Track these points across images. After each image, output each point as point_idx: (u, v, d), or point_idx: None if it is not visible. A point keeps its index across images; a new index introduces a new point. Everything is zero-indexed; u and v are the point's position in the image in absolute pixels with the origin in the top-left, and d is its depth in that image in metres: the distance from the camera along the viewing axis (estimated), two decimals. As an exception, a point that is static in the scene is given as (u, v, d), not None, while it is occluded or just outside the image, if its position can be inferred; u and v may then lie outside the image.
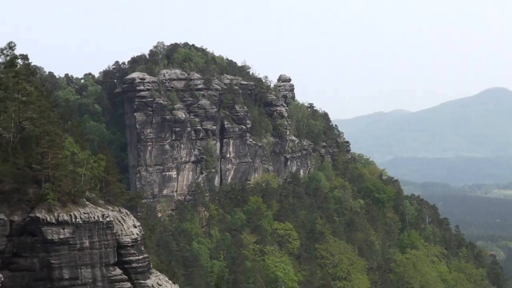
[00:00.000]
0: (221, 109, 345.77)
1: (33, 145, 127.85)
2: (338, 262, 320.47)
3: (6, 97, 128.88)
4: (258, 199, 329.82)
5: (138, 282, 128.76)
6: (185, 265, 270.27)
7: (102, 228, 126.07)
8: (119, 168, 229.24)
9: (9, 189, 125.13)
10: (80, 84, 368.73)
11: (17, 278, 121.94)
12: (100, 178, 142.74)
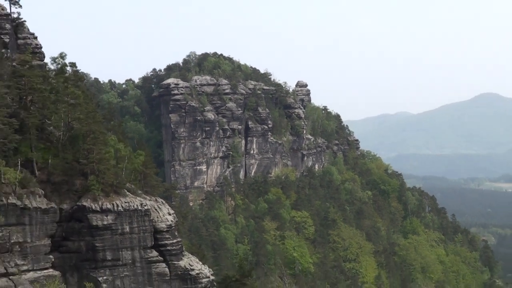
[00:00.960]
0: (245, 111, 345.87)
1: (80, 142, 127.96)
2: (348, 246, 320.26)
3: (57, 100, 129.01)
4: (278, 190, 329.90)
5: (172, 263, 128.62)
6: (214, 248, 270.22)
7: (140, 215, 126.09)
8: (156, 162, 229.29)
9: (59, 180, 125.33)
10: (121, 89, 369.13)
11: (66, 259, 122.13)
12: (139, 171, 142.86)
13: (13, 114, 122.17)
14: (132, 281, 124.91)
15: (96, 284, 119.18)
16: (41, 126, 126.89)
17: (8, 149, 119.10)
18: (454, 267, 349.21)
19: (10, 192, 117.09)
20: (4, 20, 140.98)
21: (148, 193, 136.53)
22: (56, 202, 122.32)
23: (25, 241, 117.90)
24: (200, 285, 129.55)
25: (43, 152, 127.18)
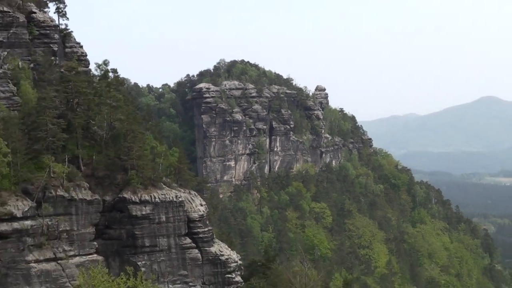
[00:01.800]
0: (270, 112, 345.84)
1: (121, 140, 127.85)
2: (362, 234, 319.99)
3: (100, 103, 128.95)
4: (299, 184, 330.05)
5: (203, 249, 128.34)
6: (241, 236, 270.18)
7: (175, 206, 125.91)
8: (189, 159, 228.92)
9: (102, 175, 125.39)
10: (158, 92, 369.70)
11: (108, 245, 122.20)
12: (174, 167, 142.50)
13: (61, 115, 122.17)
14: (167, 266, 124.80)
15: (135, 268, 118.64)
16: (86, 126, 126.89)
17: (56, 146, 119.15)
18: (458, 253, 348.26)
19: (59, 185, 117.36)
20: (53, 31, 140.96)
21: (182, 186, 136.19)
22: (99, 194, 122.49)
23: (72, 229, 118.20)
24: (229, 269, 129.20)
25: (88, 149, 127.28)
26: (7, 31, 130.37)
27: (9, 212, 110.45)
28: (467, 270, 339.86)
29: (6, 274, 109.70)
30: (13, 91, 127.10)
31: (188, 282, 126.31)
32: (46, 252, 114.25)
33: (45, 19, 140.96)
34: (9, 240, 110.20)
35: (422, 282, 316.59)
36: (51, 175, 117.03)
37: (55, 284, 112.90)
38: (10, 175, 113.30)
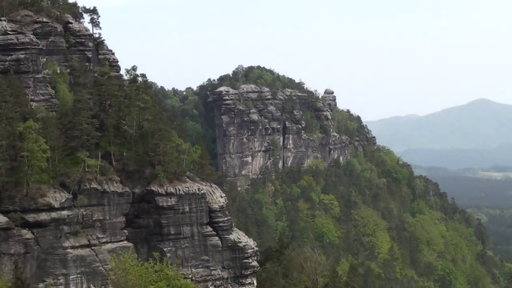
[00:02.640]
0: (283, 113, 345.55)
1: (149, 138, 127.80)
2: (366, 223, 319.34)
3: (130, 104, 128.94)
4: (310, 178, 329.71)
5: (223, 237, 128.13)
6: (257, 225, 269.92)
7: (198, 198, 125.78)
8: (210, 155, 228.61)
9: (132, 169, 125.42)
10: (182, 95, 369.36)
11: (137, 233, 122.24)
12: (197, 162, 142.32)
13: (94, 115, 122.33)
14: (191, 251, 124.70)
15: (161, 253, 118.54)
16: (117, 125, 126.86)
17: (90, 144, 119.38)
18: (453, 240, 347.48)
19: (92, 179, 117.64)
20: (87, 39, 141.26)
21: (204, 180, 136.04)
22: (129, 187, 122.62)
23: (104, 219, 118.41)
24: (246, 254, 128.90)
25: (119, 146, 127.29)
26: (46, 40, 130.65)
27: (48, 203, 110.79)
28: (461, 256, 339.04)
29: (45, 259, 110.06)
30: (52, 93, 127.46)
31: (209, 267, 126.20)
32: (81, 239, 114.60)
33: (80, 28, 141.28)
34: (47, 228, 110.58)
35: (421, 266, 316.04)
36: (86, 169, 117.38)
37: (89, 268, 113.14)
38: (49, 170, 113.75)
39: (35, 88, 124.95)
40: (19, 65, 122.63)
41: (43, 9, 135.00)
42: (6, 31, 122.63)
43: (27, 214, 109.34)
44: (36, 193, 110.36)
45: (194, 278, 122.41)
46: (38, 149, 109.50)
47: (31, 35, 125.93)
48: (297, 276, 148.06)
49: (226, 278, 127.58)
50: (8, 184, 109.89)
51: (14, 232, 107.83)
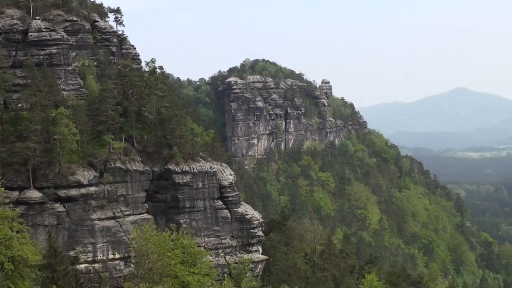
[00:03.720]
0: (285, 101, 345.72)
1: (166, 123, 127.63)
2: (358, 197, 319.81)
3: (150, 93, 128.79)
4: (308, 158, 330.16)
5: (232, 210, 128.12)
6: (262, 199, 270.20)
7: (210, 175, 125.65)
8: (221, 138, 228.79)
9: (151, 151, 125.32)
10: (196, 85, 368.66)
11: (156, 207, 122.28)
12: (209, 144, 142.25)
13: (118, 103, 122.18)
14: (203, 223, 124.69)
15: (178, 224, 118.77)
16: (138, 111, 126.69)
17: (115, 128, 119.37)
18: (435, 212, 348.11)
19: (117, 159, 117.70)
20: (112, 36, 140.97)
21: (215, 160, 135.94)
22: (149, 166, 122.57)
23: (128, 194, 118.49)
24: (252, 225, 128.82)
25: (140, 130, 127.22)
26: (76, 36, 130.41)
27: (77, 180, 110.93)
28: (442, 226, 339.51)
29: (75, 230, 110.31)
30: (81, 84, 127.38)
31: (220, 236, 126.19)
32: (107, 212, 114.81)
33: (105, 26, 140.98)
34: (77, 202, 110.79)
35: (407, 235, 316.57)
36: (111, 150, 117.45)
37: (114, 237, 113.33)
38: (78, 151, 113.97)
39: (66, 79, 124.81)
40: (52, 58, 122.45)
41: (72, 9, 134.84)
42: (40, 28, 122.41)
43: (59, 190, 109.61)
44: (67, 171, 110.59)
45: (206, 246, 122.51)
46: (69, 132, 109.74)
47: (62, 32, 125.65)
48: (297, 244, 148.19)
49: (234, 246, 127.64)
50: (42, 164, 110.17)
51: (47, 206, 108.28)
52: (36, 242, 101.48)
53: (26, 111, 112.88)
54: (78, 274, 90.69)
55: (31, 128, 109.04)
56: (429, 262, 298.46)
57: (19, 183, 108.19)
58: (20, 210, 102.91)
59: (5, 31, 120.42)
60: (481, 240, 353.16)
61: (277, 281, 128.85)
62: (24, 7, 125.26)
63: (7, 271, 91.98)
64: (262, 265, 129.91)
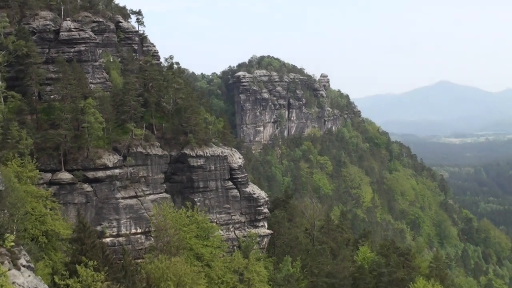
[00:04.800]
0: (288, 92, 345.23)
1: (182, 113, 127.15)
2: (353, 178, 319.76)
3: (168, 86, 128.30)
4: (309, 143, 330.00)
5: (241, 189, 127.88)
6: (268, 180, 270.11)
7: (221, 159, 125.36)
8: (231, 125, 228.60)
9: (169, 137, 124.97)
10: (209, 78, 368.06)
11: (174, 187, 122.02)
12: (220, 131, 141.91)
13: (140, 94, 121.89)
14: (215, 201, 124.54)
15: (193, 203, 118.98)
16: (157, 102, 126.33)
17: (137, 117, 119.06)
18: (421, 192, 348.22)
19: (138, 144, 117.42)
20: (134, 35, 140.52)
21: (226, 145, 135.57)
22: (167, 150, 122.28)
23: (148, 175, 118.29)
24: (259, 203, 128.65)
25: (159, 119, 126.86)
26: (102, 35, 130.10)
27: (104, 163, 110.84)
28: (428, 204, 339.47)
29: (102, 207, 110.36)
30: (106, 78, 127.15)
31: (230, 213, 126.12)
32: (130, 191, 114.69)
33: (128, 26, 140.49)
34: (103, 183, 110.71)
35: (396, 212, 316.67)
36: (133, 137, 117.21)
37: (136, 214, 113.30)
38: (104, 137, 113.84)
39: (93, 73, 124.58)
40: (81, 55, 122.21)
41: (99, 11, 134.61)
42: (70, 28, 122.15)
43: (87, 172, 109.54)
44: (94, 155, 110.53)
45: (218, 222, 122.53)
46: (96, 121, 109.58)
47: (90, 32, 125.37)
48: (299, 220, 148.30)
49: (243, 222, 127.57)
50: (72, 149, 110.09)
51: (77, 186, 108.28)
52: (67, 218, 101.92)
53: (58, 102, 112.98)
54: (104, 247, 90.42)
55: (62, 117, 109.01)
56: (416, 236, 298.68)
57: (52, 166, 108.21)
58: (53, 190, 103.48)
59: (39, 31, 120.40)
60: (462, 217, 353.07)
61: (281, 253, 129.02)
62: (56, 9, 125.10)
63: (41, 244, 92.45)
64: (267, 238, 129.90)
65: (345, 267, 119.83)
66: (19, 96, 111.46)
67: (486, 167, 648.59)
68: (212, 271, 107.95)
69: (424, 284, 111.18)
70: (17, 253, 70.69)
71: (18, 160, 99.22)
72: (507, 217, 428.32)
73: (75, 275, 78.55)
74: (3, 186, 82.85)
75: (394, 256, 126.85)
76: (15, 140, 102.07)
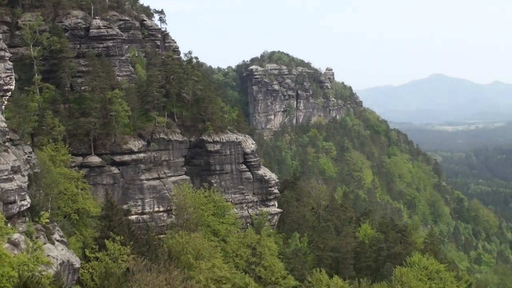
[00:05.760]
0: (296, 84, 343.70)
1: (201, 102, 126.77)
2: (355, 162, 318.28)
3: (187, 78, 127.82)
4: (315, 130, 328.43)
5: (254, 172, 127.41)
6: (278, 163, 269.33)
7: (235, 144, 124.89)
8: (244, 114, 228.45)
9: (189, 124, 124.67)
10: (224, 72, 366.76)
11: (192, 169, 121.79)
12: (235, 119, 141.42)
13: (162, 86, 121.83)
14: (230, 183, 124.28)
15: (210, 184, 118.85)
16: (178, 93, 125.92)
17: (159, 106, 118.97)
18: (417, 174, 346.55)
19: (161, 131, 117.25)
20: (157, 32, 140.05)
21: (240, 132, 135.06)
22: (187, 137, 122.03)
23: (169, 159, 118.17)
24: (270, 184, 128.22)
25: (179, 108, 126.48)
26: (128, 32, 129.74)
27: (129, 148, 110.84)
28: (423, 186, 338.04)
29: (128, 188, 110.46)
30: (132, 71, 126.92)
31: (244, 193, 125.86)
32: (153, 174, 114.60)
33: (152, 24, 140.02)
34: (129, 166, 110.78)
35: (394, 193, 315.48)
36: (156, 124, 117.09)
37: (158, 194, 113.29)
38: (130, 125, 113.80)
39: (120, 67, 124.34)
40: (109, 50, 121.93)
41: (125, 10, 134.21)
42: (99, 26, 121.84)
43: (114, 156, 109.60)
44: (121, 141, 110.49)
45: (232, 201, 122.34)
46: (122, 110, 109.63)
47: (117, 29, 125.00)
48: (306, 200, 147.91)
49: (255, 201, 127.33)
50: (101, 135, 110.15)
51: (105, 169, 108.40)
52: (96, 198, 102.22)
53: (88, 93, 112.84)
54: (130, 223, 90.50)
55: (92, 106, 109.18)
56: (412, 214, 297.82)
57: (83, 150, 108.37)
58: (84, 172, 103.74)
59: (71, 28, 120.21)
60: (454, 197, 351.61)
61: (289, 229, 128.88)
62: (86, 9, 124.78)
63: (73, 220, 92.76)
64: (277, 216, 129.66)
65: (348, 243, 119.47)
66: (53, 88, 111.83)
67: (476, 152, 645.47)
68: (227, 246, 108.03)
69: (419, 258, 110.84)
70: (51, 229, 70.90)
71: (52, 145, 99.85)
72: (494, 197, 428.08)
73: (104, 248, 78.89)
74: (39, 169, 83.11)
75: (392, 232, 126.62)
76: (50, 127, 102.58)
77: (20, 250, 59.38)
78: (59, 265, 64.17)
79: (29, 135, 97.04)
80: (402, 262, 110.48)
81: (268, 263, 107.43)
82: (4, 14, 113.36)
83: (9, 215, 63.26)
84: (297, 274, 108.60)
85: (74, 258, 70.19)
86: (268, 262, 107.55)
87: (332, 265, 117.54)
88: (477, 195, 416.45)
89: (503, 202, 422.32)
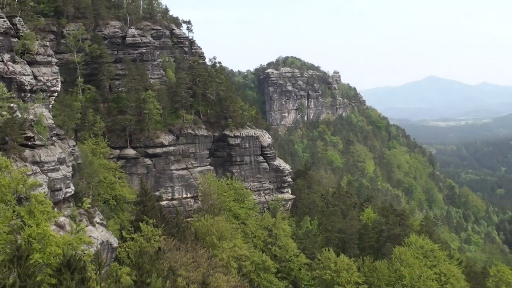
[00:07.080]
0: (307, 85, 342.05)
1: (223, 102, 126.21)
2: (359, 154, 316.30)
3: (211, 80, 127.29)
4: (324, 126, 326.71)
5: (270, 163, 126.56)
6: (291, 155, 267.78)
7: (254, 138, 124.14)
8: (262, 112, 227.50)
9: (213, 121, 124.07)
10: (244, 74, 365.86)
11: (216, 161, 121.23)
12: (253, 117, 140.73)
13: (189, 87, 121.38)
14: (249, 172, 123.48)
15: (231, 173, 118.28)
16: (203, 93, 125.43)
17: (187, 105, 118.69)
18: (414, 165, 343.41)
19: (188, 127, 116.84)
20: (185, 40, 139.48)
21: (258, 127, 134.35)
22: (211, 132, 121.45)
23: (196, 152, 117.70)
24: (284, 174, 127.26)
25: (205, 106, 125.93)
26: (159, 40, 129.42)
27: (161, 142, 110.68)
28: (419, 175, 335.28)
29: (159, 177, 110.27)
30: (163, 74, 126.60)
31: (261, 181, 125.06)
32: (181, 164, 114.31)
33: (180, 33, 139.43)
34: (160, 158, 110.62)
35: (394, 181, 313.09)
36: (184, 121, 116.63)
37: (186, 182, 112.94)
38: (161, 121, 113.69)
39: (152, 71, 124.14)
40: (142, 56, 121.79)
41: (157, 21, 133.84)
42: (134, 35, 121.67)
43: (148, 149, 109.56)
44: (153, 136, 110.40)
45: (251, 189, 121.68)
46: (154, 108, 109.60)
47: (149, 37, 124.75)
48: (316, 187, 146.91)
49: (271, 188, 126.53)
50: (136, 130, 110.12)
51: (140, 160, 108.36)
52: (131, 186, 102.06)
53: (125, 93, 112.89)
54: (161, 208, 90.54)
55: (128, 105, 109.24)
56: (409, 200, 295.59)
57: (120, 144, 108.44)
58: (121, 163, 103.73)
59: (110, 37, 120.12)
60: (446, 185, 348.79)
61: (301, 213, 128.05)
62: (123, 19, 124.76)
63: (112, 205, 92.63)
64: (291, 202, 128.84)
65: (353, 225, 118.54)
66: (94, 89, 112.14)
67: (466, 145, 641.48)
68: (246, 228, 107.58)
69: (416, 239, 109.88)
70: (92, 213, 70.80)
71: (93, 139, 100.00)
72: (482, 185, 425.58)
73: (139, 230, 78.72)
74: (81, 160, 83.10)
75: (392, 216, 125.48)
76: (91, 123, 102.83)
77: (65, 232, 59.28)
78: (99, 245, 64.06)
79: (73, 131, 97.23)
80: (400, 242, 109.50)
81: (283, 243, 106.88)
82: (51, 25, 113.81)
83: (56, 201, 63.25)
84: (308, 253, 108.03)
85: (113, 238, 70.06)
86: (282, 242, 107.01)
87: (339, 245, 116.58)
88: (467, 183, 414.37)
89: (490, 189, 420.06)
